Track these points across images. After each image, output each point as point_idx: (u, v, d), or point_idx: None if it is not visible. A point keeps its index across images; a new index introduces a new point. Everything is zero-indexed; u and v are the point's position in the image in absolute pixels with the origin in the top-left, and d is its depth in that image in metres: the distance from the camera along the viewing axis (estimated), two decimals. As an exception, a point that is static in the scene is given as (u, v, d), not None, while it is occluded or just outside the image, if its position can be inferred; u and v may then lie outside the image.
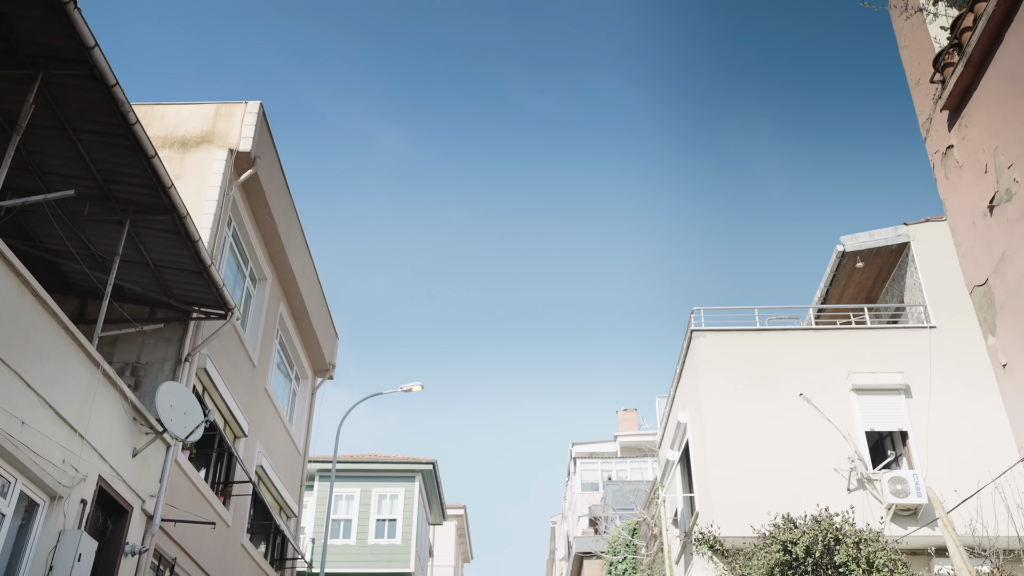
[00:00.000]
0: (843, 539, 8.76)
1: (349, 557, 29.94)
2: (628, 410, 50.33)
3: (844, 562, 8.50)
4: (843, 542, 8.73)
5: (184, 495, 12.82)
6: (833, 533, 8.81)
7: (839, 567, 8.54)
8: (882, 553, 8.78)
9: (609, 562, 25.28)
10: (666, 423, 19.49)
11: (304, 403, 20.16)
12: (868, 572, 8.43)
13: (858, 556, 8.59)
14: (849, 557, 8.51)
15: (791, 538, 9.04)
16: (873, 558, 8.63)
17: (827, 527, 8.92)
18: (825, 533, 8.84)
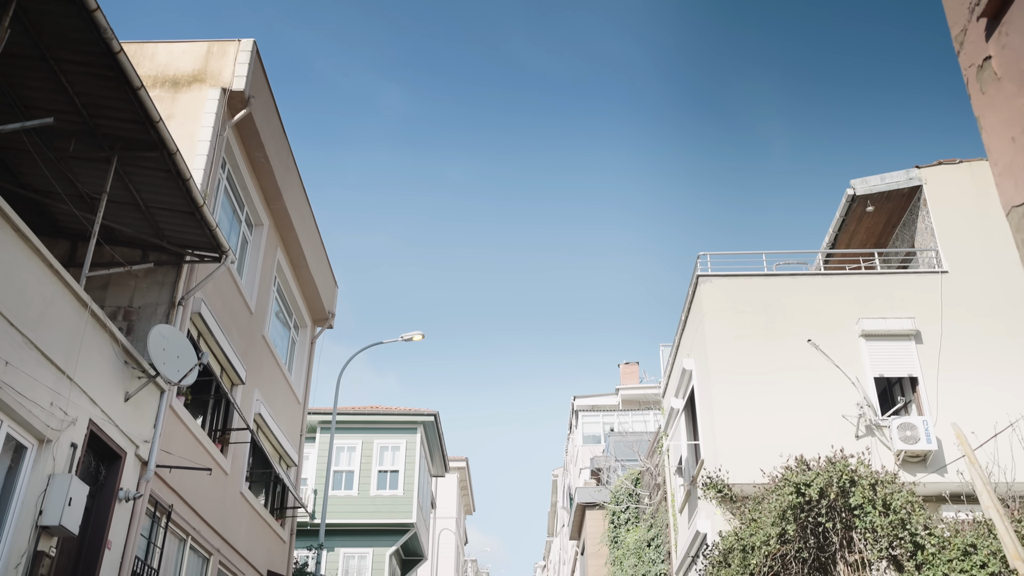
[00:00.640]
0: (858, 481, 8.49)
1: (351, 508, 29.93)
2: (630, 363, 50.22)
3: (859, 504, 8.23)
4: (858, 484, 8.45)
5: (180, 442, 12.57)
6: (848, 475, 8.54)
7: (854, 509, 8.28)
8: (899, 495, 8.51)
9: (611, 512, 25.19)
10: (670, 371, 19.22)
11: (304, 352, 19.89)
12: (884, 514, 8.17)
13: (874, 498, 8.32)
14: (865, 499, 8.24)
15: (805, 480, 8.77)
16: (889, 500, 8.36)
17: (842, 468, 8.65)
18: (840, 475, 8.56)
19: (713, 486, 11.64)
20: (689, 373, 16.60)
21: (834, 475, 8.59)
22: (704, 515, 15.33)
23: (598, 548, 27.33)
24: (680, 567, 17.85)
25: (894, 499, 8.45)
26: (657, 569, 20.83)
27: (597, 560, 27.58)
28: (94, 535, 10.35)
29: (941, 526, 8.78)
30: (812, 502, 8.59)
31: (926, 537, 8.32)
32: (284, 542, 18.09)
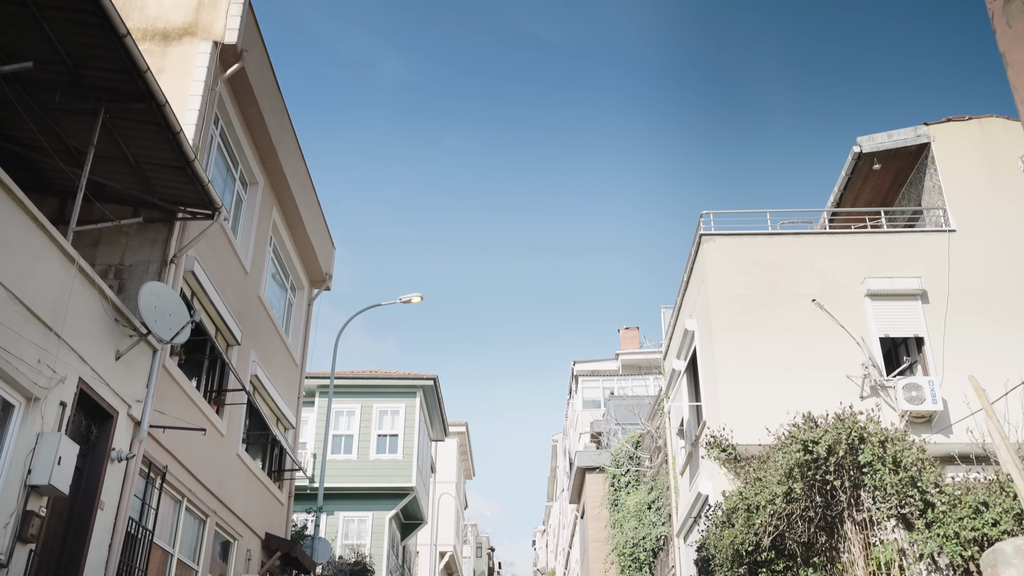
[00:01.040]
0: (868, 438, 8.27)
1: (351, 472, 29.87)
2: (630, 328, 50.09)
3: (869, 461, 8.02)
4: (868, 441, 8.23)
5: (174, 402, 12.36)
6: (857, 432, 8.31)
7: (863, 467, 8.06)
8: (909, 452, 8.30)
9: (612, 475, 25.10)
10: (672, 333, 19.00)
11: (301, 314, 19.65)
12: (894, 472, 7.96)
13: (883, 455, 8.11)
14: (874, 456, 8.03)
15: (812, 437, 8.54)
16: (900, 457, 8.15)
17: (851, 425, 8.42)
18: (849, 432, 8.34)
19: (717, 445, 11.42)
20: (691, 334, 16.38)
21: (843, 432, 8.35)
22: (706, 476, 15.17)
23: (598, 511, 27.29)
24: (681, 529, 17.75)
25: (904, 456, 8.23)
26: (658, 531, 20.75)
27: (597, 523, 27.55)
28: (86, 496, 10.17)
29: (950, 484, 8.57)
30: (820, 460, 8.36)
31: (936, 495, 8.13)
32: (282, 505, 17.96)
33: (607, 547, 25.48)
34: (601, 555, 26.77)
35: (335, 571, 24.80)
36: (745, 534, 9.60)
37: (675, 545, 18.67)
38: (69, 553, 9.88)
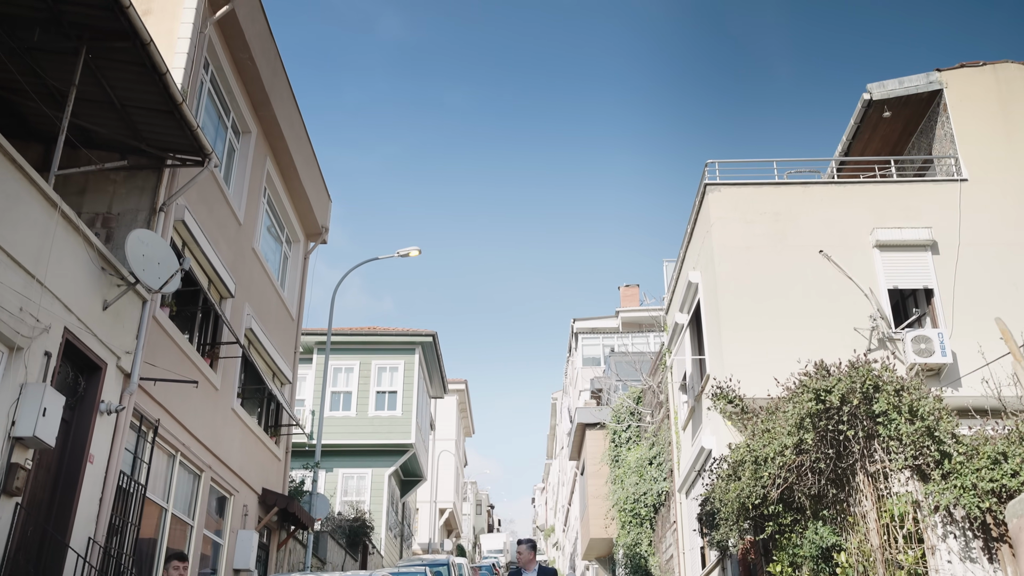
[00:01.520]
0: (883, 387, 7.95)
1: (349, 429, 29.73)
2: (630, 286, 49.81)
3: (884, 411, 7.70)
4: (883, 390, 7.91)
5: (165, 354, 12.05)
6: (872, 380, 7.99)
7: (877, 417, 7.75)
8: (925, 401, 8.00)
9: (612, 431, 24.91)
10: (674, 286, 18.66)
11: (296, 267, 19.30)
12: (910, 421, 7.66)
13: (899, 404, 7.80)
14: (890, 405, 7.71)
15: (825, 386, 8.23)
16: (916, 406, 7.84)
17: (865, 374, 8.10)
18: (863, 380, 8.03)
19: (723, 397, 11.12)
20: (695, 286, 16.04)
21: (857, 380, 8.04)
22: (709, 431, 14.92)
23: (598, 467, 27.16)
24: (683, 484, 17.56)
25: (921, 406, 7.93)
26: (659, 487, 20.58)
27: (597, 480, 27.44)
28: (75, 449, 9.89)
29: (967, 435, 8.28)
30: (832, 409, 8.05)
31: (953, 445, 7.83)
32: (280, 460, 17.75)
33: (607, 503, 25.38)
34: (601, 511, 26.69)
35: (334, 527, 24.72)
36: (752, 487, 9.34)
37: (677, 500, 18.50)
38: (58, 507, 9.63)
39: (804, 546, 8.94)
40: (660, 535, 20.87)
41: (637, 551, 21.90)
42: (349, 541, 24.99)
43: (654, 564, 21.10)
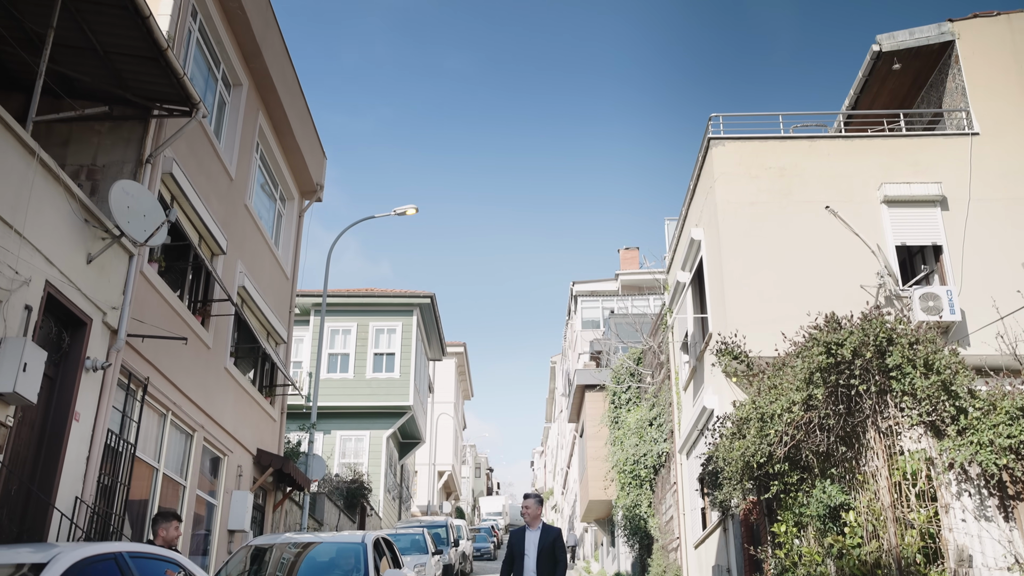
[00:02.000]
0: (897, 340, 7.62)
1: (347, 391, 29.54)
2: (630, 248, 49.46)
3: (898, 364, 7.39)
4: (897, 343, 7.58)
5: (154, 311, 11.73)
6: (885, 333, 7.66)
7: (890, 371, 7.44)
8: (941, 355, 7.68)
9: (612, 392, 24.67)
10: (676, 244, 18.32)
11: (291, 226, 18.93)
12: (925, 375, 7.36)
13: (914, 358, 7.49)
14: (904, 359, 7.40)
15: (836, 339, 7.89)
16: (932, 360, 7.53)
17: (878, 326, 7.77)
18: (876, 333, 7.70)
19: (728, 353, 10.79)
20: (697, 243, 15.70)
21: (870, 333, 7.71)
22: (711, 390, 14.66)
23: (598, 429, 26.99)
24: (684, 445, 17.34)
25: (937, 359, 7.62)
26: (659, 448, 20.38)
27: (596, 441, 27.29)
28: (59, 406, 9.60)
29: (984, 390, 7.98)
30: (843, 363, 7.73)
31: (970, 401, 7.54)
32: (275, 421, 17.51)
33: (607, 465, 25.23)
34: (600, 473, 26.55)
35: (332, 489, 24.59)
36: (758, 445, 9.07)
37: (677, 461, 18.30)
38: (43, 465, 9.36)
39: (811, 505, 8.68)
40: (660, 496, 20.71)
41: (637, 512, 21.77)
42: (347, 503, 24.88)
43: (654, 525, 20.96)
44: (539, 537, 8.78)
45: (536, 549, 8.69)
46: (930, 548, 7.35)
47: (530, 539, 8.80)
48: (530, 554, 8.69)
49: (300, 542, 10.02)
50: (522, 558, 8.73)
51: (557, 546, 8.81)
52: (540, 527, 8.85)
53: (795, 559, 9.80)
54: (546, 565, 8.66)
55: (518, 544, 8.86)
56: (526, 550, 8.75)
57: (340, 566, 9.23)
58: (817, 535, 9.12)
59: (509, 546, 8.99)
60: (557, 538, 8.85)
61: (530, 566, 8.67)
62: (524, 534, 8.90)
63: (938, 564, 7.33)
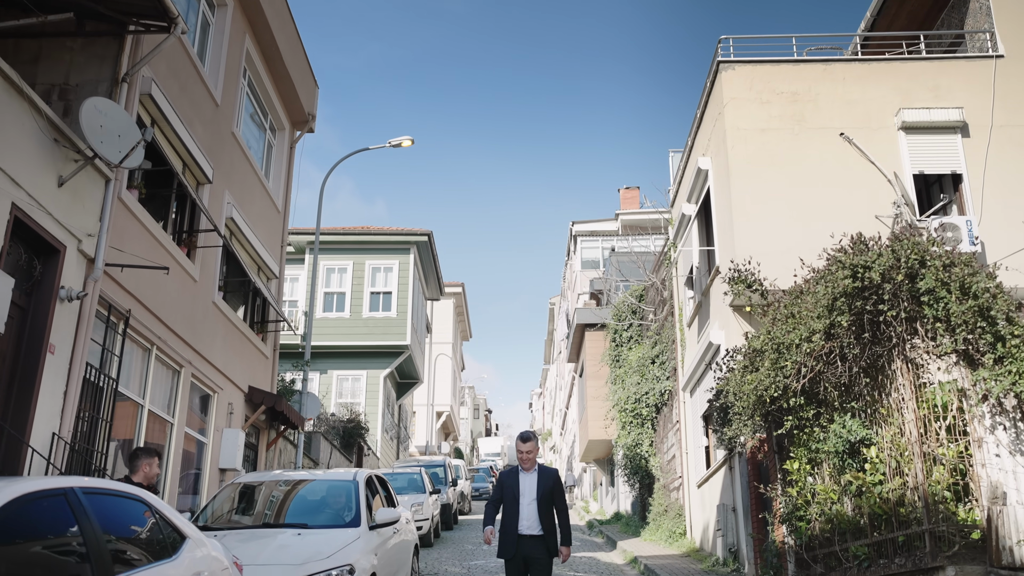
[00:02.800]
0: (930, 262, 7.03)
1: (344, 330, 29.08)
2: (630, 188, 48.73)
3: (931, 288, 6.82)
4: (930, 265, 7.00)
5: (135, 240, 11.14)
6: (918, 254, 7.08)
7: (922, 295, 6.88)
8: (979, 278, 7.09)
9: (613, 330, 24.21)
10: (681, 175, 17.67)
11: (282, 157, 18.23)
12: (961, 300, 6.79)
13: (949, 281, 6.91)
14: (938, 282, 6.83)
15: (863, 262, 7.27)
16: (969, 283, 6.95)
17: (910, 247, 7.16)
18: (908, 255, 7.09)
19: (741, 280, 10.22)
20: (704, 173, 15.06)
21: (901, 255, 7.10)
22: (717, 325, 14.16)
23: (598, 368, 26.58)
24: (687, 383, 16.89)
25: (974, 283, 7.03)
26: (662, 386, 19.96)
27: (596, 381, 26.91)
28: (32, 337, 9.06)
29: (1021, 317, 7.43)
30: (871, 288, 7.14)
31: (1008, 328, 6.99)
32: (267, 358, 17.03)
33: (607, 404, 24.87)
34: (601, 412, 26.22)
35: (328, 428, 24.26)
36: (772, 378, 8.56)
37: (680, 399, 17.88)
38: (16, 400, 8.85)
39: (828, 441, 8.21)
40: (661, 435, 20.35)
41: (638, 452, 21.44)
42: (343, 442, 24.57)
43: (655, 464, 20.64)
44: (537, 480, 7.93)
45: (535, 494, 7.86)
46: (959, 485, 6.89)
47: (526, 482, 7.93)
48: (526, 499, 7.86)
49: (290, 479, 9.57)
50: (515, 503, 7.87)
51: (557, 490, 8.00)
52: (536, 469, 8.00)
53: (808, 497, 9.37)
54: (547, 511, 7.87)
55: (511, 487, 7.97)
56: (521, 494, 7.89)
57: (331, 504, 8.78)
58: (833, 472, 8.67)
59: (499, 488, 8.08)
60: (556, 481, 8.02)
61: (527, 513, 7.82)
62: (518, 476, 8.00)
63: (967, 502, 6.89)
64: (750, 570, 12.29)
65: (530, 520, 7.80)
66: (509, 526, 7.83)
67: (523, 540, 7.76)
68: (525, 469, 8.00)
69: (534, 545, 7.74)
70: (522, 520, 7.80)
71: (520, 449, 7.99)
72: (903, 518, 7.14)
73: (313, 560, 7.20)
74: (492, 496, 8.20)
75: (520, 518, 7.81)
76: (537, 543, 7.75)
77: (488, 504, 8.16)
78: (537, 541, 7.75)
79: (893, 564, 7.20)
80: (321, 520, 8.41)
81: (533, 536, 7.76)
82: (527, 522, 7.79)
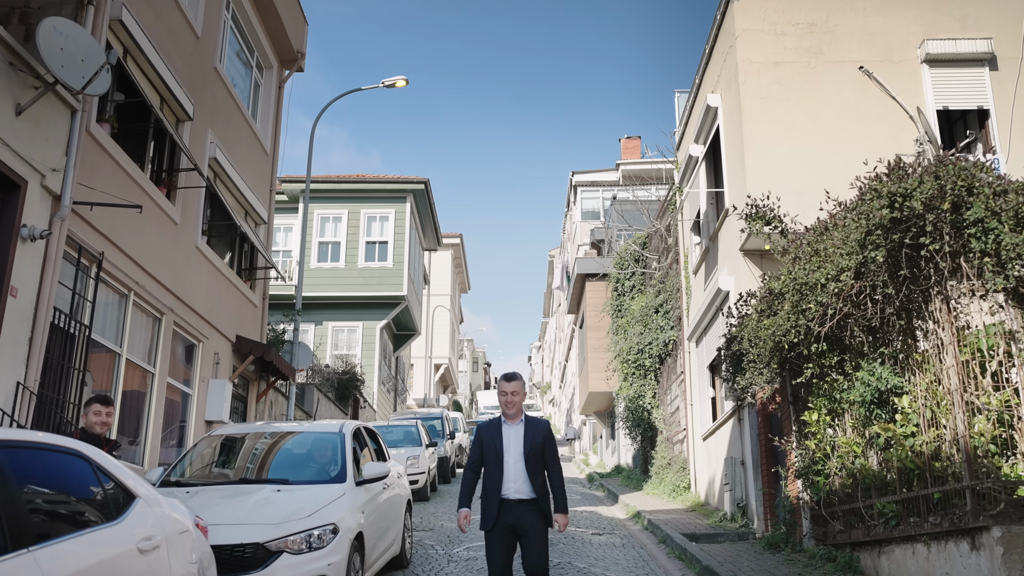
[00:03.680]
0: (979, 189, 6.31)
1: (339, 281, 28.40)
2: (631, 138, 47.73)
3: (980, 218, 6.11)
4: (979, 193, 6.28)
5: (107, 178, 10.40)
6: (965, 180, 6.35)
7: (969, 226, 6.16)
8: (1033, 207, 6.37)
9: (615, 278, 23.51)
10: (688, 116, 16.85)
11: (270, 97, 17.39)
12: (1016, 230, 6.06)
13: (1001, 210, 6.19)
14: (988, 212, 6.12)
15: (904, 189, 6.51)
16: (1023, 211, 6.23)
17: (956, 173, 6.42)
18: (954, 180, 6.36)
19: (759, 217, 9.48)
20: (714, 111, 14.26)
21: (947, 180, 6.35)
22: (727, 271, 13.48)
23: (599, 319, 25.94)
24: (693, 332, 16.24)
25: (1030, 211, 6.31)
26: (666, 336, 19.33)
27: (597, 332, 26.28)
28: (-8, 280, 8.39)
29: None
30: (911, 219, 6.42)
31: (1065, 262, 6.31)
32: (256, 307, 16.35)
33: (608, 355, 24.27)
34: (601, 364, 25.64)
35: (323, 380, 23.69)
36: (793, 323, 7.89)
37: (685, 349, 17.25)
38: (-25, 347, 8.21)
39: (853, 390, 7.56)
40: (665, 387, 19.77)
41: (640, 404, 20.87)
42: (339, 394, 24.01)
43: (658, 417, 20.09)
44: (523, 433, 6.43)
45: (522, 449, 6.37)
46: (1004, 437, 6.26)
47: (511, 436, 6.44)
48: (512, 456, 6.37)
49: (273, 432, 8.93)
50: (499, 461, 6.38)
51: (549, 445, 6.49)
52: (523, 420, 6.49)
53: (827, 451, 8.76)
54: (537, 470, 6.39)
55: (492, 442, 6.45)
56: (505, 450, 6.38)
57: (315, 459, 8.15)
58: (857, 424, 8.03)
59: (478, 445, 6.54)
60: (548, 434, 6.52)
61: (514, 474, 6.35)
62: (500, 429, 6.49)
63: (1010, 457, 6.26)
64: (759, 526, 11.75)
65: (518, 482, 6.34)
66: (492, 491, 6.38)
67: (510, 507, 6.31)
68: (509, 419, 6.50)
69: (524, 511, 6.30)
70: (507, 482, 6.34)
71: (504, 390, 6.48)
72: (938, 473, 6.52)
73: (292, 519, 6.58)
74: (470, 457, 6.65)
75: (505, 480, 6.34)
76: (528, 509, 6.31)
77: (466, 470, 6.61)
78: (528, 507, 6.31)
79: (927, 523, 6.59)
80: (304, 475, 7.78)
81: (522, 501, 6.31)
82: (514, 484, 6.34)
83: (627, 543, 12.30)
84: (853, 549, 8.43)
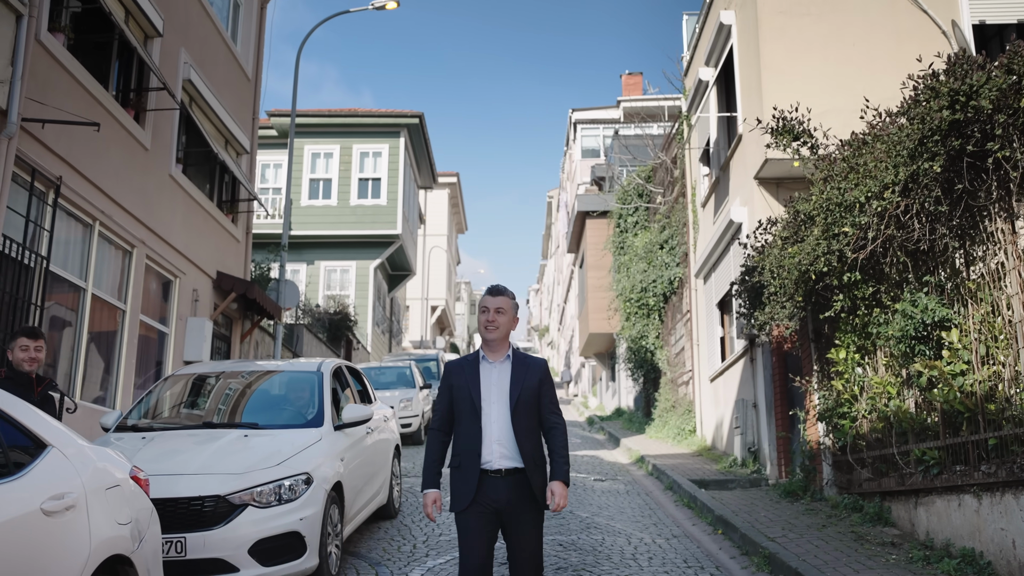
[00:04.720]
0: (1057, 85, 5.41)
1: (331, 219, 27.44)
2: (633, 74, 46.36)
3: (1062, 119, 5.26)
4: (1061, 89, 5.39)
5: (63, 95, 9.45)
6: (1044, 75, 5.45)
7: (1046, 129, 5.30)
8: None
9: (617, 214, 22.58)
10: (697, 37, 15.79)
11: (251, 18, 16.29)
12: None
13: (1087, 110, 5.29)
14: (1072, 111, 5.23)
15: (969, 86, 5.59)
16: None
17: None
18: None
19: (787, 131, 8.53)
20: (727, 29, 13.23)
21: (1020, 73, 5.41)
22: (739, 202, 12.59)
23: (600, 258, 25.05)
24: (701, 268, 15.39)
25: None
26: (671, 273, 18.48)
27: (598, 271, 25.42)
28: (-74, 202, 7.52)
29: None
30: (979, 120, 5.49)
31: None
32: (238, 242, 15.47)
33: (609, 295, 23.45)
34: (603, 304, 24.85)
35: (313, 320, 22.90)
36: (824, 249, 7.03)
37: (691, 287, 16.42)
38: (-90, 277, 7.36)
39: (892, 324, 6.74)
40: (669, 326, 18.99)
41: (643, 344, 20.10)
42: (330, 335, 23.24)
43: (661, 358, 19.34)
44: (511, 374, 4.45)
45: (508, 397, 4.40)
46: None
47: (492, 378, 4.46)
48: (495, 407, 4.41)
49: (247, 371, 8.11)
50: (475, 415, 4.40)
51: (546, 391, 4.52)
52: (510, 356, 4.50)
53: (855, 391, 7.96)
54: (531, 427, 4.44)
55: (466, 387, 4.46)
56: (484, 398, 4.41)
57: (291, 400, 7.34)
58: (893, 362, 7.21)
59: (446, 392, 4.53)
60: (545, 375, 4.54)
61: (497, 433, 4.38)
62: (478, 369, 4.49)
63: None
64: (773, 472, 11.03)
65: (502, 443, 4.37)
66: (467, 458, 4.39)
67: (492, 481, 4.36)
68: (491, 353, 4.51)
69: (512, 488, 4.36)
70: (488, 444, 4.37)
71: (486, 306, 4.51)
72: (992, 416, 5.74)
73: (260, 468, 5.78)
74: (436, 411, 4.65)
75: (485, 441, 4.37)
76: (517, 484, 4.38)
77: (431, 431, 4.60)
78: (517, 481, 4.37)
79: (977, 472, 5.81)
80: (277, 419, 6.98)
81: (508, 472, 4.36)
82: (498, 448, 4.37)
83: (631, 490, 11.60)
84: (883, 499, 7.68)
